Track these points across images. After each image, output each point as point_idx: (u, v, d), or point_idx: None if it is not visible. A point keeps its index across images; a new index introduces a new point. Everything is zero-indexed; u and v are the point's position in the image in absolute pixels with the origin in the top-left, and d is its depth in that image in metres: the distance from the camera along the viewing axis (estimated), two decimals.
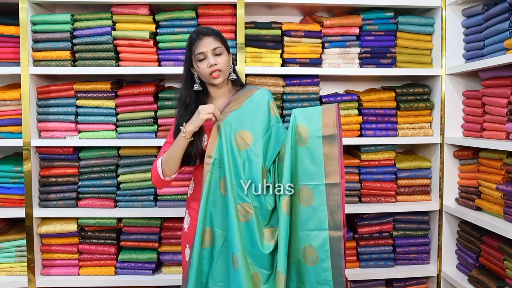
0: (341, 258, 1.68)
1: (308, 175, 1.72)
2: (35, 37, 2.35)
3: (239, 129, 1.75)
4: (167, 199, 2.46)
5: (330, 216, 1.69)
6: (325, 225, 1.69)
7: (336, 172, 1.69)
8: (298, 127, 1.73)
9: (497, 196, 2.16)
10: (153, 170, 1.81)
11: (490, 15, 2.20)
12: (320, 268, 1.69)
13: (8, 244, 2.43)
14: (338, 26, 2.48)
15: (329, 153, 1.70)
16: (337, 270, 1.68)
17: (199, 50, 1.73)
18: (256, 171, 1.73)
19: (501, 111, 2.14)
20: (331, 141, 1.70)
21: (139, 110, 2.44)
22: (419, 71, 2.52)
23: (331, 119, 1.71)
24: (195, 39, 1.75)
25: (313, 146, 1.71)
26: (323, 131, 1.71)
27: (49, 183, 2.43)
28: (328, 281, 1.69)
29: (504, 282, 2.11)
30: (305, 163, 1.72)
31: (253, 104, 1.80)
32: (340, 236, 1.68)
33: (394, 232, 2.57)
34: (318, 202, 1.70)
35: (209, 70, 1.73)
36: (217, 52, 1.74)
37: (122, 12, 2.38)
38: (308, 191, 1.72)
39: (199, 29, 1.80)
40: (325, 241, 1.69)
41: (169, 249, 2.47)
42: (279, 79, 2.49)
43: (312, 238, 1.70)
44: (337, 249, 1.68)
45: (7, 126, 2.41)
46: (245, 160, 1.74)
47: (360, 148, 2.53)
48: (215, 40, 1.75)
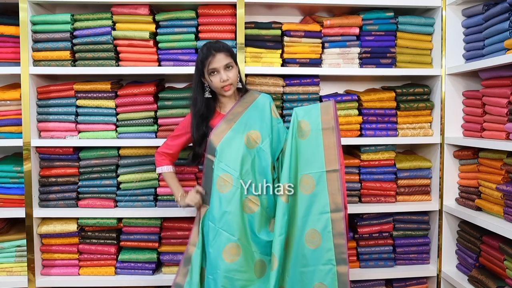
0: (343, 237, 1.85)
1: (310, 164, 1.90)
2: (35, 37, 2.35)
3: (248, 129, 1.93)
4: (167, 199, 2.46)
5: (332, 200, 1.86)
6: (327, 208, 1.86)
7: (336, 160, 1.87)
8: (299, 122, 1.92)
9: (497, 196, 2.16)
10: (156, 155, 2.13)
11: (490, 15, 2.20)
12: (323, 249, 1.85)
13: (8, 244, 2.43)
14: (338, 26, 2.48)
15: (328, 143, 1.88)
16: (339, 249, 1.85)
17: (212, 66, 1.89)
18: (266, 166, 1.92)
19: (501, 111, 2.14)
20: (329, 133, 1.89)
21: (139, 110, 2.44)
22: (419, 71, 2.52)
23: (329, 114, 1.91)
24: (207, 54, 1.89)
25: (314, 138, 1.90)
26: (322, 124, 1.90)
27: (49, 183, 2.43)
28: (331, 260, 1.85)
29: (504, 282, 2.11)
30: (306, 154, 1.90)
31: (257, 107, 1.99)
32: (341, 217, 1.86)
33: (394, 232, 2.57)
34: (320, 188, 1.87)
35: (222, 84, 1.91)
36: (227, 67, 1.91)
37: (122, 12, 2.38)
38: (309, 179, 1.89)
39: (211, 44, 1.93)
40: (327, 222, 1.86)
41: (169, 249, 2.47)
42: (279, 79, 2.49)
43: (315, 222, 1.86)
44: (339, 229, 1.85)
45: (7, 126, 2.41)
46: (255, 156, 1.92)
47: (360, 148, 2.53)
48: (226, 56, 1.90)
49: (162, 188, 2.45)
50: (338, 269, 1.85)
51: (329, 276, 1.84)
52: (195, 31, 2.42)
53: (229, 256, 1.85)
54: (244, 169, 1.90)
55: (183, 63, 2.41)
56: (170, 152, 2.10)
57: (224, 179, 1.89)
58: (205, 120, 1.98)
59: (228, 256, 1.85)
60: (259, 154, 1.92)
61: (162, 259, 2.47)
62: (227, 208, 1.87)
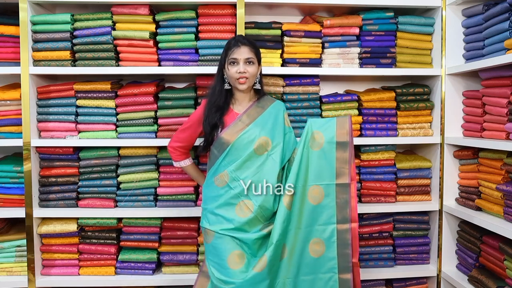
0: (348, 247, 1.87)
1: (320, 176, 1.91)
2: (35, 37, 2.35)
3: (260, 135, 1.93)
4: (167, 199, 2.46)
5: (339, 212, 1.89)
6: (333, 219, 1.89)
7: (346, 174, 1.89)
8: (314, 133, 1.93)
9: (497, 196, 2.16)
10: (169, 152, 2.14)
11: (490, 15, 2.20)
12: (326, 258, 1.89)
13: (8, 244, 2.43)
14: (338, 26, 2.48)
15: (341, 157, 1.90)
16: (343, 258, 1.88)
17: (233, 56, 1.92)
18: (272, 174, 1.90)
19: (501, 111, 2.14)
20: (343, 147, 1.91)
21: (139, 110, 2.44)
22: (419, 71, 2.52)
23: (345, 128, 1.92)
24: (233, 44, 1.93)
25: (327, 150, 1.91)
26: (337, 138, 1.91)
27: (49, 183, 2.43)
28: (333, 268, 1.88)
29: (504, 282, 2.11)
30: (317, 165, 1.91)
31: (271, 114, 2.00)
32: (347, 228, 1.88)
33: (394, 232, 2.57)
34: (328, 200, 1.90)
35: (237, 75, 1.92)
36: (248, 61, 1.92)
37: (122, 12, 2.38)
38: (319, 190, 1.90)
39: (239, 37, 1.99)
40: (332, 233, 1.89)
41: (169, 249, 2.46)
42: (279, 79, 2.49)
43: (320, 232, 1.89)
44: (345, 240, 1.88)
45: (7, 126, 2.41)
46: (262, 163, 1.91)
47: (360, 148, 2.53)
48: (250, 50, 1.93)
49: (162, 188, 2.45)
50: (340, 276, 1.88)
51: (330, 284, 1.88)
52: (195, 31, 2.42)
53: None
54: (246, 174, 1.89)
55: (183, 63, 2.41)
56: (182, 145, 2.10)
57: (222, 175, 1.91)
58: (219, 111, 1.97)
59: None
60: (267, 161, 1.91)
61: (162, 259, 2.47)
62: (219, 199, 1.90)
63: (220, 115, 1.96)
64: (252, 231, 1.88)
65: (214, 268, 1.86)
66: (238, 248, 1.85)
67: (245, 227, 1.87)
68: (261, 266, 1.80)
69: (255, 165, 1.90)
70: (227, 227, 1.87)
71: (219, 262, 1.85)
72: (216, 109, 1.96)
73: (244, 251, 1.86)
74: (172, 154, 2.13)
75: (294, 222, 1.89)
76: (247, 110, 1.98)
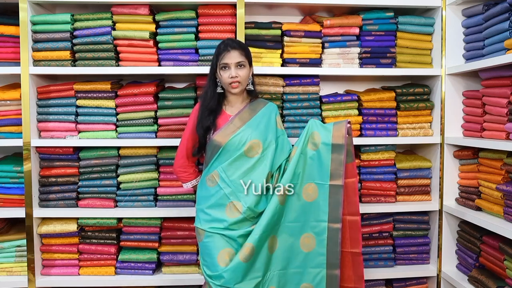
0: (338, 246, 1.94)
1: (315, 175, 1.98)
2: (35, 37, 2.35)
3: (251, 138, 1.94)
4: (167, 199, 2.46)
5: (331, 211, 1.95)
6: (325, 218, 1.96)
7: (340, 176, 1.95)
8: (313, 133, 2.00)
9: (497, 196, 2.16)
10: (177, 174, 2.14)
11: (490, 15, 2.20)
12: (316, 253, 1.97)
13: (8, 244, 2.43)
14: (338, 26, 2.48)
15: (336, 159, 1.96)
16: (332, 255, 1.96)
17: (224, 61, 1.92)
18: (262, 176, 1.92)
19: (501, 111, 2.14)
20: (338, 149, 1.96)
21: (139, 110, 2.44)
22: (419, 71, 2.52)
23: (341, 131, 1.97)
24: (223, 49, 1.93)
25: (323, 151, 1.97)
26: (333, 140, 1.97)
27: (49, 183, 2.43)
28: (322, 264, 1.97)
29: (504, 282, 2.11)
30: (313, 165, 1.98)
31: (263, 117, 2.01)
32: (338, 228, 1.95)
33: (394, 232, 2.57)
34: (321, 198, 1.96)
35: (230, 80, 1.93)
36: (239, 65, 1.93)
37: (122, 12, 2.38)
38: (313, 188, 1.98)
39: (228, 41, 1.97)
40: (323, 230, 1.96)
41: (169, 249, 2.47)
42: (279, 79, 2.49)
43: (312, 227, 1.97)
44: (335, 238, 1.95)
45: (7, 126, 2.41)
46: (253, 165, 1.93)
47: (360, 148, 2.53)
48: (241, 54, 1.93)
49: (162, 188, 2.46)
50: (328, 271, 1.96)
51: (318, 278, 1.97)
52: (195, 31, 2.42)
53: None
54: (236, 175, 1.91)
55: (183, 63, 2.41)
56: (188, 158, 2.08)
57: (213, 175, 1.94)
58: (212, 114, 1.98)
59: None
60: (257, 163, 1.94)
61: (162, 259, 2.47)
62: (211, 199, 1.93)
63: (213, 118, 1.98)
64: (241, 229, 1.91)
65: (205, 267, 1.91)
66: (228, 246, 1.89)
67: (234, 227, 1.90)
68: (246, 254, 1.84)
69: (245, 167, 1.92)
70: (217, 226, 1.90)
71: (209, 261, 1.89)
72: (209, 112, 1.98)
73: (234, 249, 1.89)
74: (180, 176, 2.11)
75: (287, 217, 1.96)
76: (239, 113, 1.99)
